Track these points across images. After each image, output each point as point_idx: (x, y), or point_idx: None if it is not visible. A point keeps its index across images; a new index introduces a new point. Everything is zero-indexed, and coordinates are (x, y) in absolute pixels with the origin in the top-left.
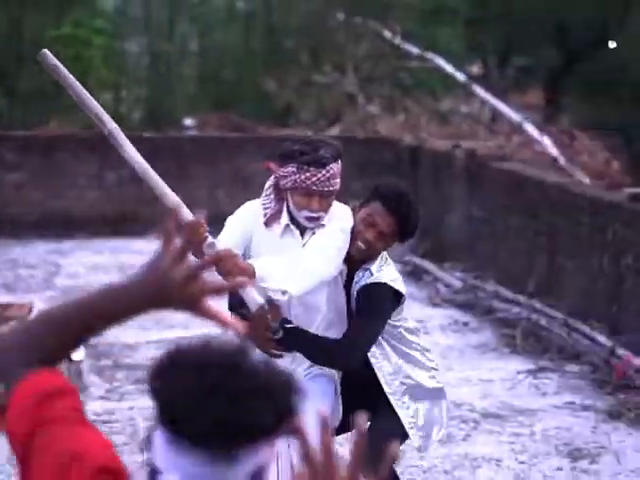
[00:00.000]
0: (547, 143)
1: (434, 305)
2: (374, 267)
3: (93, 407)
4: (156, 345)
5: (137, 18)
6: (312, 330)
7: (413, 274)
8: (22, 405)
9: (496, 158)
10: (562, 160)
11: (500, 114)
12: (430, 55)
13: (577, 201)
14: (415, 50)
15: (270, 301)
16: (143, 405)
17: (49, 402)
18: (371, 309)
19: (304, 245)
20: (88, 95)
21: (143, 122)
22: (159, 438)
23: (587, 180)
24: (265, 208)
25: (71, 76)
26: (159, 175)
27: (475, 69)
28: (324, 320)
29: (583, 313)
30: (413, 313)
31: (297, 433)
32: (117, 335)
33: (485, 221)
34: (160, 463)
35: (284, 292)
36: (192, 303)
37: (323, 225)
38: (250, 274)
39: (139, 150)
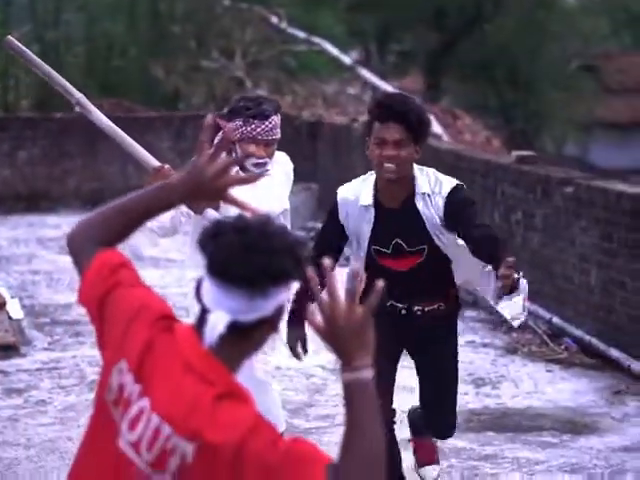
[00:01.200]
0: (431, 121)
1: (340, 265)
2: (425, 187)
3: (39, 357)
4: None
5: (24, 6)
6: None
7: None
8: (96, 275)
9: None
10: (446, 138)
11: None
12: (315, 39)
13: (471, 165)
14: (300, 34)
15: None
16: (85, 354)
17: (117, 272)
18: (473, 212)
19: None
20: (54, 72)
21: (33, 110)
22: (207, 285)
23: None
24: None
25: (36, 57)
26: (73, 152)
27: (355, 54)
28: None
29: None
30: None
31: (309, 279)
32: (51, 296)
33: None
34: (209, 303)
35: None
36: (221, 192)
37: (268, 170)
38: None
39: (50, 129)
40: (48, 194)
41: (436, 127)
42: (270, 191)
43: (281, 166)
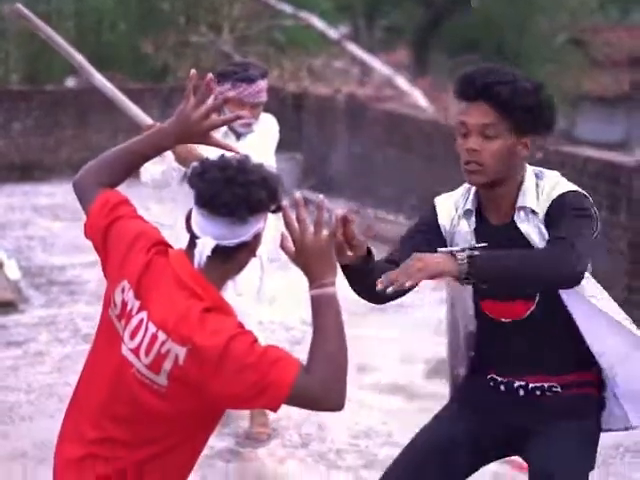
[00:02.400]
0: (417, 95)
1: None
2: (531, 200)
3: (37, 313)
4: (80, 266)
5: None
6: None
7: None
8: (100, 210)
9: (374, 99)
10: (432, 110)
11: (370, 71)
12: (303, 14)
13: (448, 130)
14: (288, 9)
15: None
16: (79, 310)
17: (118, 207)
18: (574, 223)
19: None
20: (58, 37)
21: (23, 83)
22: (196, 214)
23: None
24: None
25: (42, 23)
26: (65, 123)
27: (344, 29)
28: None
29: None
30: None
31: (282, 209)
32: (46, 259)
33: (364, 156)
34: (197, 231)
35: None
36: (206, 134)
37: (253, 130)
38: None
39: (43, 101)
40: (41, 164)
41: (422, 101)
42: (256, 147)
43: (267, 125)
